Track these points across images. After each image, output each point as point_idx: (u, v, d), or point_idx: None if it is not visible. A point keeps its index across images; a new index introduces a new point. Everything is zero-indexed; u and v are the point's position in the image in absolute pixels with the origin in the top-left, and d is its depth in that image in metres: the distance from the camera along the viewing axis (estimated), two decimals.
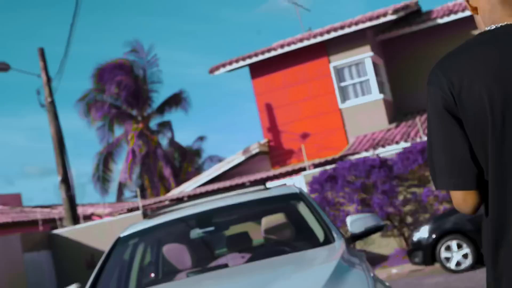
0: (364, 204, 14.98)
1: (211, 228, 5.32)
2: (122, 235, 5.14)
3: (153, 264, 5.57)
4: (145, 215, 5.50)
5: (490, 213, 1.87)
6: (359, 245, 15.23)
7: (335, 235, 4.41)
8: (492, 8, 1.93)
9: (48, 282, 17.28)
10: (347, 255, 3.92)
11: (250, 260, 4.66)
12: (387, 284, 3.57)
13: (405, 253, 13.68)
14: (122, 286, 5.00)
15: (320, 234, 4.67)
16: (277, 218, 5.22)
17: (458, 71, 1.88)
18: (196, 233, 5.30)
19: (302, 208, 5.06)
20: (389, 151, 16.73)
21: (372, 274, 3.50)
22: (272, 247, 4.89)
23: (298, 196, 5.09)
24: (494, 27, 1.91)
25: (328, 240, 4.40)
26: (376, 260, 14.95)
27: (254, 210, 5.53)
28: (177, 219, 5.12)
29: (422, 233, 12.02)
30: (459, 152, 1.88)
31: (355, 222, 4.67)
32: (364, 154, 17.01)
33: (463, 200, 1.92)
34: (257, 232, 5.42)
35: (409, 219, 15.13)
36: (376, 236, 15.27)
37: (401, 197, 15.13)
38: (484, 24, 1.97)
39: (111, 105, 30.66)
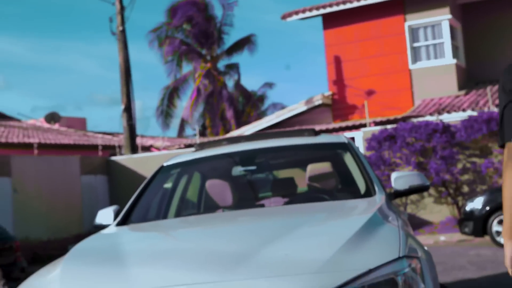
0: (420, 167, 14.71)
1: (253, 167, 5.28)
2: (165, 164, 5.17)
3: (196, 197, 5.60)
4: None
5: None
6: (410, 208, 15.05)
7: (376, 189, 4.30)
8: None
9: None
10: (385, 209, 3.82)
11: (287, 203, 4.63)
12: (425, 248, 3.43)
13: (456, 222, 13.44)
14: (162, 213, 5.05)
15: (362, 186, 4.57)
16: (323, 166, 5.13)
17: None
18: (238, 170, 5.27)
19: (348, 159, 4.95)
20: (454, 118, 16.29)
21: (405, 232, 3.38)
22: (312, 194, 4.83)
23: (345, 146, 4.97)
24: None
25: (369, 193, 4.30)
26: (425, 225, 14.76)
27: (299, 155, 5.45)
28: (220, 154, 5.10)
29: (476, 203, 11.74)
30: None
31: (399, 178, 4.52)
32: (428, 118, 16.62)
33: None
34: (304, 180, 5.35)
35: (465, 189, 14.81)
36: (429, 201, 15.05)
37: (460, 166, 14.79)
38: None
39: (182, 42, 30.79)
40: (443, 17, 19.19)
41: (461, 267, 9.41)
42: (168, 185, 5.27)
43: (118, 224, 4.38)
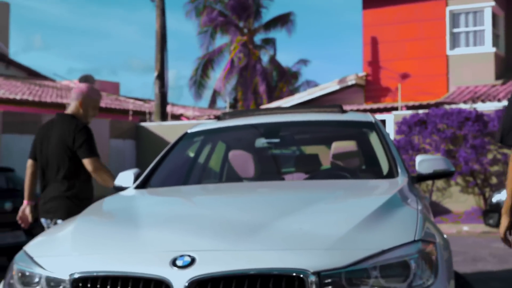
0: (449, 155, 14.52)
1: (277, 140, 5.23)
2: (189, 131, 5.14)
3: (218, 166, 5.58)
4: None
5: None
6: (435, 195, 14.90)
7: (399, 171, 4.21)
8: None
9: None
10: (406, 191, 3.74)
11: (308, 179, 4.58)
12: (444, 236, 3.36)
13: (481, 213, 13.27)
14: (182, 180, 5.03)
15: (385, 167, 4.49)
16: (348, 145, 5.06)
17: None
18: (261, 142, 5.23)
19: (373, 138, 4.87)
20: (488, 107, 16.00)
21: (424, 216, 3.31)
22: (334, 172, 4.77)
23: (372, 125, 4.88)
24: None
25: (391, 174, 4.22)
26: (449, 214, 14.61)
27: (324, 132, 5.38)
28: (244, 125, 5.06)
29: (503, 195, 11.56)
30: None
31: (424, 162, 4.40)
32: (461, 106, 16.37)
33: None
34: (328, 158, 5.28)
35: (493, 180, 14.59)
36: (455, 190, 14.87)
37: (490, 156, 14.56)
38: None
39: (220, 13, 30.67)
40: (486, 4, 18.80)
41: (482, 258, 9.30)
42: (192, 152, 5.26)
43: (137, 187, 4.39)
